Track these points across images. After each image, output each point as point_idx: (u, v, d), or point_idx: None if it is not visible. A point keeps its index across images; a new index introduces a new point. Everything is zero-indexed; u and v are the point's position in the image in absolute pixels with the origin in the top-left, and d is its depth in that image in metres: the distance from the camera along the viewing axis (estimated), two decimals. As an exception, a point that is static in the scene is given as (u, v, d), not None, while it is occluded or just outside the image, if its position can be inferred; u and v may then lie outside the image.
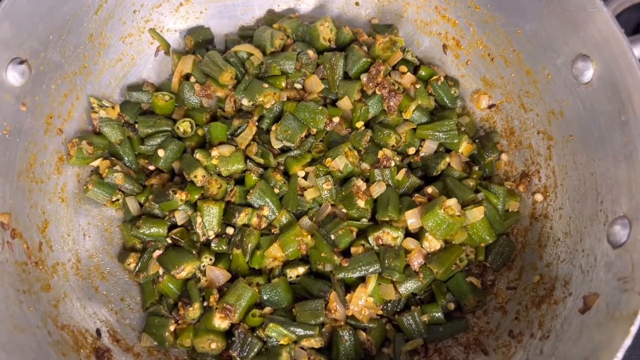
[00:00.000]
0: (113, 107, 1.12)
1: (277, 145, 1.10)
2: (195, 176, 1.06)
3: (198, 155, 1.07)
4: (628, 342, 0.74)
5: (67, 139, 1.08)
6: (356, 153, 1.09)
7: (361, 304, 1.00)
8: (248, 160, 1.09)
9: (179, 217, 1.06)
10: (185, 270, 1.02)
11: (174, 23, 1.22)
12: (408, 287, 1.02)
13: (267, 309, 1.01)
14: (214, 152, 1.06)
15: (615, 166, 0.91)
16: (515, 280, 1.05)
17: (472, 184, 1.08)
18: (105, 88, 1.15)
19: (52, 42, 1.00)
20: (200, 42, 1.21)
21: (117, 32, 1.14)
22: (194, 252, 1.05)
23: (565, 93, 1.01)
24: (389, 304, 1.03)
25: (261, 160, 1.09)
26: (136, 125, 1.14)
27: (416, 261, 1.03)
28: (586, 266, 0.92)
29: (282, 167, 1.10)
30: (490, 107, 1.18)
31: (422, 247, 1.03)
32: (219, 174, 1.08)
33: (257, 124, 1.11)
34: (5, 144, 0.94)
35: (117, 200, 1.10)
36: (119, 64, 1.16)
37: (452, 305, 1.04)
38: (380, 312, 1.03)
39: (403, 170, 1.08)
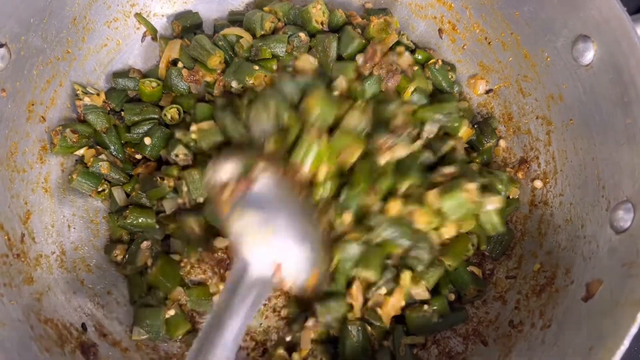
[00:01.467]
0: (98, 94, 1.08)
1: None
2: (176, 155, 1.02)
3: (177, 134, 1.04)
4: (635, 329, 0.71)
5: (51, 127, 1.03)
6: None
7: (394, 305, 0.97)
8: None
9: (167, 206, 1.03)
10: None
11: (161, 8, 1.18)
12: (431, 281, 0.99)
13: None
14: (193, 127, 1.02)
15: (617, 150, 0.88)
16: (515, 269, 1.02)
17: (475, 169, 1.05)
18: (90, 74, 1.11)
19: (33, 26, 0.96)
20: (188, 27, 1.17)
21: (102, 16, 1.10)
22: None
23: (565, 76, 0.98)
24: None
25: None
26: (122, 113, 1.11)
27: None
28: (588, 253, 0.89)
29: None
30: (487, 92, 1.15)
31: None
32: (201, 152, 1.04)
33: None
34: (-16, 132, 0.91)
35: (103, 190, 1.07)
36: (104, 49, 1.12)
37: (452, 296, 1.01)
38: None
39: (419, 142, 1.03)
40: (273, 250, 0.86)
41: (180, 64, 1.12)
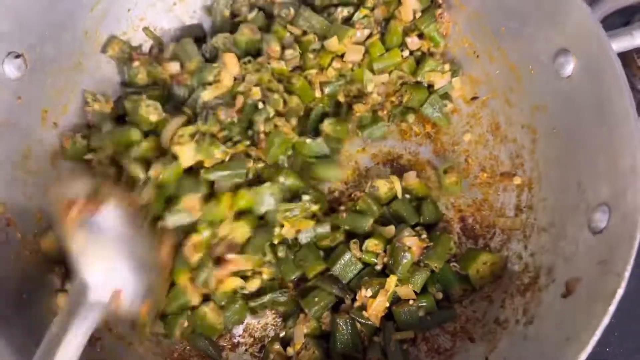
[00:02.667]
0: (107, 101, 1.14)
1: None
2: None
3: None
4: (606, 320, 0.76)
5: (63, 133, 1.09)
6: None
7: (378, 306, 1.02)
8: None
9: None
10: None
11: (168, 22, 1.24)
12: (417, 284, 1.04)
13: None
14: None
15: (596, 157, 0.94)
16: (502, 270, 1.07)
17: None
18: (100, 84, 1.17)
19: (47, 38, 1.03)
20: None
21: (112, 29, 1.16)
22: None
23: (548, 88, 1.04)
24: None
25: None
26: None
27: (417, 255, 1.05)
28: (569, 253, 0.94)
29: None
30: (473, 98, 1.21)
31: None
32: None
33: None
34: (1, 135, 0.97)
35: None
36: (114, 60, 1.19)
37: (440, 295, 1.06)
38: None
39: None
40: (114, 276, 0.90)
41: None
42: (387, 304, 1.02)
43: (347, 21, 1.17)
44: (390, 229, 1.07)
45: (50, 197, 0.95)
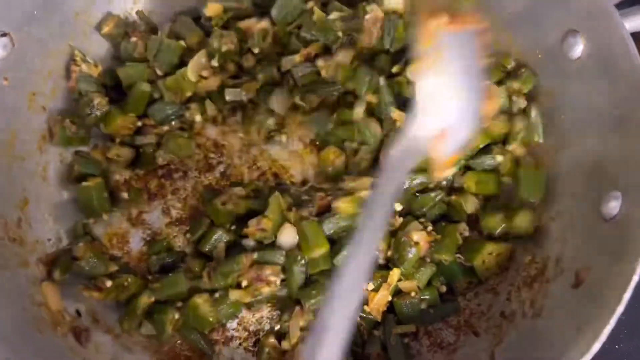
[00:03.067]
0: (96, 65, 1.10)
1: None
2: None
3: None
4: (620, 309, 0.72)
5: (51, 118, 1.06)
6: None
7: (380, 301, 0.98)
8: None
9: None
10: None
11: (161, 5, 1.21)
12: (422, 280, 1.00)
13: None
14: None
15: (608, 141, 0.90)
16: (507, 262, 1.03)
17: None
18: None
19: (36, 18, 0.99)
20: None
21: (104, 11, 1.13)
22: None
23: (556, 71, 1.00)
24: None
25: None
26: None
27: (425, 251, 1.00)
28: (578, 242, 0.90)
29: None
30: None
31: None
32: None
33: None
34: (-16, 119, 0.93)
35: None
36: (106, 44, 1.15)
37: (443, 288, 1.02)
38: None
39: None
40: (447, 113, 0.78)
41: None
42: (389, 298, 0.97)
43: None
44: (397, 220, 1.02)
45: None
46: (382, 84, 1.04)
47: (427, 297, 0.99)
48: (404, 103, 1.03)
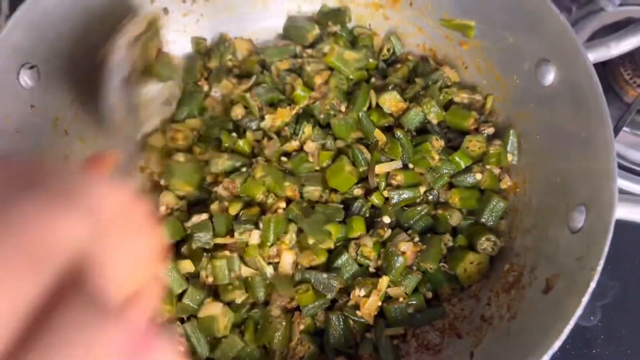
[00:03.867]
0: None
1: None
2: None
3: None
4: (579, 311, 0.81)
5: (71, 141, 1.16)
6: None
7: (371, 305, 1.06)
8: None
9: None
10: None
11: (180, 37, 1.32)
12: (409, 287, 1.09)
13: None
14: None
15: (576, 160, 0.99)
16: (487, 270, 1.12)
17: None
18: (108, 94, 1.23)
19: (59, 51, 1.10)
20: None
21: (120, 43, 1.23)
22: None
23: (531, 96, 1.10)
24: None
25: None
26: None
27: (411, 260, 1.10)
28: (550, 252, 0.99)
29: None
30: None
31: None
32: None
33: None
34: (15, 141, 1.03)
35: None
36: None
37: (429, 294, 1.11)
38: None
39: None
40: None
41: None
42: (380, 303, 1.06)
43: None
44: (385, 232, 1.12)
45: None
46: None
47: (414, 302, 1.08)
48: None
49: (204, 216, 1.10)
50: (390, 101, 1.18)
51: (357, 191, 1.15)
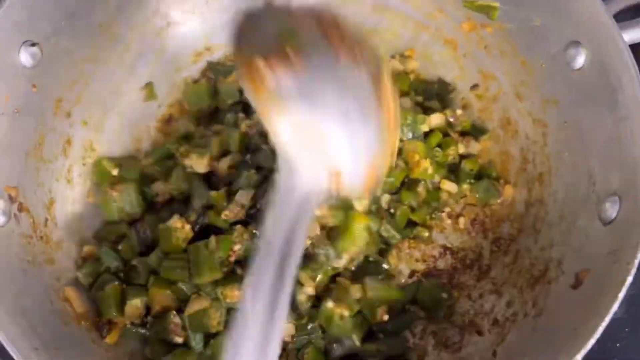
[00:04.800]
0: None
1: None
2: None
3: None
4: (615, 307, 0.75)
5: (74, 123, 1.11)
6: None
7: None
8: None
9: None
10: None
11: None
12: None
13: None
14: None
15: (606, 147, 0.93)
16: (511, 265, 1.06)
17: None
18: (112, 76, 1.18)
19: (63, 28, 1.05)
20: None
21: (127, 23, 1.18)
22: None
23: (559, 80, 1.03)
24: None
25: None
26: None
27: None
28: (579, 245, 0.94)
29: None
30: (472, 87, 1.22)
31: None
32: None
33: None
34: (16, 122, 0.98)
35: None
36: (127, 54, 1.20)
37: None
38: None
39: None
40: (330, 154, 0.66)
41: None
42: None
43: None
44: None
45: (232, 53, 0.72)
46: None
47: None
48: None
49: None
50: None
51: None
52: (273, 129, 0.65)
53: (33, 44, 0.99)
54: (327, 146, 0.66)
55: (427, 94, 1.22)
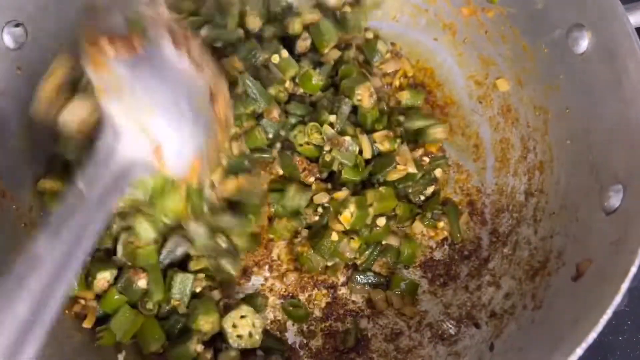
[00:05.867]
0: None
1: None
2: None
3: None
4: (618, 299, 0.72)
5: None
6: None
7: None
8: None
9: None
10: None
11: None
12: None
13: None
14: None
15: (611, 135, 0.90)
16: (510, 256, 1.03)
17: None
18: (102, 60, 1.15)
19: (49, 10, 1.01)
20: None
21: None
22: None
23: (562, 66, 1.00)
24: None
25: None
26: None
27: None
28: (580, 236, 0.91)
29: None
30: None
31: None
32: None
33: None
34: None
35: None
36: (117, 37, 1.17)
37: None
38: None
39: None
40: (156, 126, 0.75)
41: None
42: None
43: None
44: None
45: (79, 31, 0.80)
46: None
47: None
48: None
49: None
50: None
51: None
52: (103, 94, 0.74)
53: (17, 24, 0.96)
54: (151, 120, 0.75)
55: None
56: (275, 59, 1.07)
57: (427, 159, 1.09)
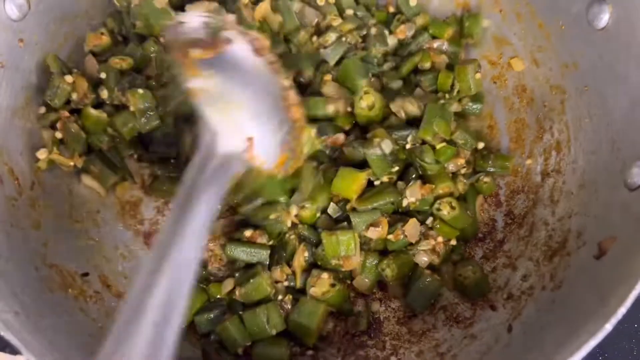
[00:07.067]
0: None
1: None
2: None
3: None
4: (647, 274, 0.69)
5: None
6: None
7: None
8: None
9: None
10: None
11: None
12: None
13: None
14: None
15: (632, 110, 0.87)
16: (526, 237, 1.00)
17: None
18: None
19: (52, -20, 0.98)
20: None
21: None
22: None
23: (580, 43, 0.97)
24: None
25: None
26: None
27: None
28: (601, 214, 0.88)
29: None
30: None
31: None
32: None
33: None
34: (1, 78, 0.92)
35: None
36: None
37: None
38: None
39: None
40: (245, 123, 0.83)
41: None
42: None
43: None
44: None
45: (166, 38, 0.91)
46: None
47: None
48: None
49: None
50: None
51: None
52: (197, 97, 0.80)
53: (19, -6, 0.93)
54: (241, 117, 0.83)
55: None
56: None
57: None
